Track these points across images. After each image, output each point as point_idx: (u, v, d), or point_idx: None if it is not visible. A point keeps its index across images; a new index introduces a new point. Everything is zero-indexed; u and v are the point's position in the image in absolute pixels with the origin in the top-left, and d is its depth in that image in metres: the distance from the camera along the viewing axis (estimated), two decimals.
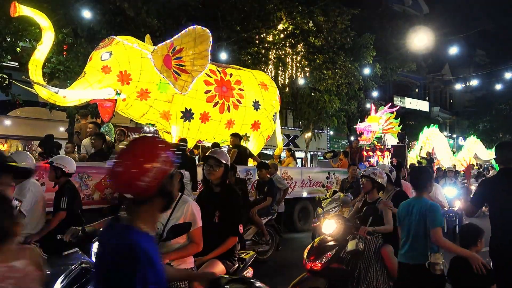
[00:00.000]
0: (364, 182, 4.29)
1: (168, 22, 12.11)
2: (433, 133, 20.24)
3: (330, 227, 4.25)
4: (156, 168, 1.51)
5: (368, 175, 4.28)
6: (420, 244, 3.30)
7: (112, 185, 1.55)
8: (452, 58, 31.95)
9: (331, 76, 15.88)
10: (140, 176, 1.48)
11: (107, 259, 1.45)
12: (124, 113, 7.65)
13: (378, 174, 4.27)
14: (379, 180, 4.25)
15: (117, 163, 1.53)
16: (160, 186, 1.53)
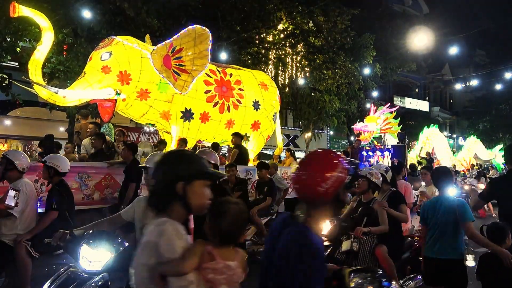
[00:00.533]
0: (360, 182, 4.27)
1: (168, 22, 12.11)
2: (433, 133, 20.23)
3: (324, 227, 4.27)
4: (335, 177, 1.75)
5: (364, 175, 4.25)
6: (448, 240, 3.55)
7: (296, 190, 1.85)
8: (452, 58, 31.96)
9: (331, 76, 15.88)
10: (322, 184, 1.73)
11: (281, 252, 1.72)
12: (124, 113, 7.64)
13: (374, 175, 4.25)
14: (375, 181, 4.23)
15: (301, 172, 1.82)
16: (337, 194, 1.77)
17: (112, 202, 6.23)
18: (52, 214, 3.91)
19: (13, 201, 3.60)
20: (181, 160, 1.72)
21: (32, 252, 3.66)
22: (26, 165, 4.00)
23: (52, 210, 3.91)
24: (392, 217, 4.11)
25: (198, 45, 7.37)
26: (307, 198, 1.81)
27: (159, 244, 1.54)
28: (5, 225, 3.71)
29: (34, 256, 3.67)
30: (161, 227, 1.57)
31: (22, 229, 3.77)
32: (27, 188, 3.93)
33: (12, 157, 3.93)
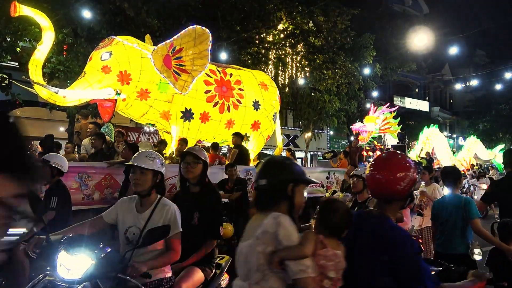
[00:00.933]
0: (356, 182, 4.29)
1: (168, 22, 12.12)
2: (433, 133, 20.24)
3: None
4: (409, 177, 2.00)
5: (360, 175, 4.25)
6: (457, 236, 3.75)
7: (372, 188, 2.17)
8: (452, 58, 31.95)
9: (331, 76, 15.88)
10: (400, 183, 1.99)
11: (365, 241, 1.97)
12: (124, 113, 7.65)
13: None
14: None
15: (377, 172, 2.07)
16: (409, 191, 2.04)
17: (112, 202, 6.23)
18: (49, 214, 3.89)
19: None
20: (291, 165, 2.01)
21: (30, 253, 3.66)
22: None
23: (50, 210, 3.90)
24: None
25: (198, 45, 7.38)
26: (384, 195, 2.06)
27: (278, 233, 1.76)
28: None
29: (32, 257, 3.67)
30: (278, 219, 1.80)
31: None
32: None
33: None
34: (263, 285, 1.78)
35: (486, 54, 39.12)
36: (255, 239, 1.82)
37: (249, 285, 1.81)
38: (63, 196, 4.12)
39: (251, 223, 1.96)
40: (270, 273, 1.77)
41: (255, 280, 1.80)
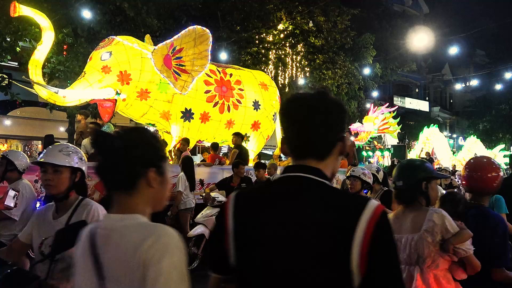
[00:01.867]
0: (354, 183, 4.22)
1: (168, 22, 12.11)
2: (433, 133, 20.24)
3: None
4: (500, 176, 2.67)
5: (358, 175, 4.19)
6: None
7: (469, 185, 2.78)
8: (452, 58, 31.96)
9: (331, 76, 15.88)
10: (495, 181, 2.65)
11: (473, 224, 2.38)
12: (124, 113, 7.65)
13: (367, 174, 4.23)
14: (368, 180, 4.21)
15: (474, 173, 2.70)
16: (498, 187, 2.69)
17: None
18: None
19: (13, 201, 3.57)
20: (421, 166, 2.37)
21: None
22: (25, 165, 3.98)
23: None
24: None
25: (198, 46, 7.38)
26: (481, 190, 2.69)
27: (445, 224, 2.16)
28: (4, 226, 3.69)
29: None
30: (441, 213, 2.20)
31: (19, 230, 3.75)
32: (27, 189, 3.88)
33: (12, 157, 3.92)
34: (434, 268, 2.19)
35: (486, 54, 39.10)
36: (422, 232, 2.17)
37: (424, 269, 2.18)
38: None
39: (397, 217, 2.32)
40: (439, 257, 2.18)
41: (427, 264, 2.18)
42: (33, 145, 15.81)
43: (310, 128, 1.17)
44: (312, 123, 1.17)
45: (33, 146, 15.79)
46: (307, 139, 1.19)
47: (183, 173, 6.58)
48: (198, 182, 7.36)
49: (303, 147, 1.21)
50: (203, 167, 7.78)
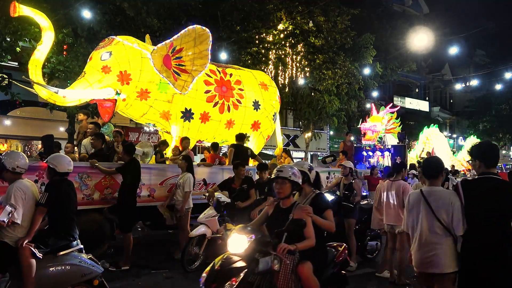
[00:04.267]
0: (282, 186, 3.37)
1: (168, 22, 12.11)
2: (433, 133, 20.24)
3: (239, 244, 3.19)
4: None
5: (287, 177, 3.34)
6: None
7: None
8: (452, 58, 31.96)
9: (331, 76, 15.88)
10: None
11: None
12: (124, 113, 7.65)
13: (297, 174, 3.44)
14: (298, 181, 3.44)
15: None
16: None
17: (112, 202, 6.23)
18: (40, 209, 3.82)
19: (7, 217, 3.55)
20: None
21: (36, 253, 3.65)
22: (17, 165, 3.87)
23: (40, 206, 3.82)
24: (316, 226, 3.34)
25: (198, 45, 7.37)
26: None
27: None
28: (8, 227, 3.68)
29: (38, 257, 3.65)
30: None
31: (21, 232, 3.74)
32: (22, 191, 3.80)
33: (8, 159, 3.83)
34: None
35: (486, 54, 39.11)
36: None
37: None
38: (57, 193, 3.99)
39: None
40: None
41: None
42: (33, 145, 15.81)
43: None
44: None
45: (33, 146, 15.80)
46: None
47: (190, 174, 6.59)
48: (201, 182, 7.36)
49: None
50: (203, 167, 7.78)
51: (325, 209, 3.56)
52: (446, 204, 3.21)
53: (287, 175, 3.33)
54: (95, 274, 3.79)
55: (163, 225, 7.04)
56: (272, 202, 3.58)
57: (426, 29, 16.56)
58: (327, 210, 3.56)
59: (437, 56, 31.63)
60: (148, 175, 6.78)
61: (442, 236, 3.19)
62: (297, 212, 3.27)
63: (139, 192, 6.47)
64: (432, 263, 3.20)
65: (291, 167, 3.48)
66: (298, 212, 3.26)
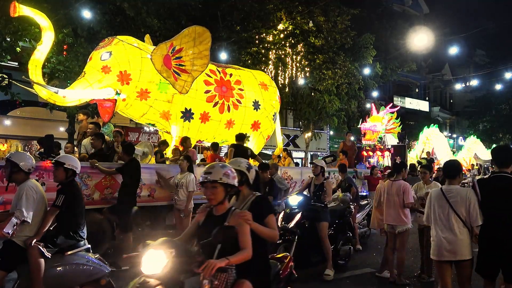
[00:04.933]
0: (213, 190, 2.75)
1: (168, 22, 12.11)
2: (433, 133, 20.26)
3: (156, 262, 2.50)
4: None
5: (218, 179, 2.73)
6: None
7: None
8: (452, 58, 31.96)
9: (331, 76, 15.88)
10: None
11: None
12: (124, 113, 7.65)
13: (232, 175, 2.81)
14: (233, 183, 2.82)
15: None
16: None
17: (112, 202, 6.23)
18: (52, 210, 3.86)
19: (12, 229, 3.57)
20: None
21: (45, 252, 3.66)
22: (31, 165, 3.95)
23: (53, 207, 3.87)
24: (256, 235, 2.79)
25: (198, 45, 7.37)
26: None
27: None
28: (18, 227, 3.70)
29: (46, 257, 3.66)
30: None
31: (30, 231, 3.76)
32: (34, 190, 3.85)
33: (16, 159, 3.89)
34: None
35: (486, 54, 39.11)
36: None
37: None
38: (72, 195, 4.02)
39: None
40: None
41: None
42: (33, 145, 15.81)
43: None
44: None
45: (33, 146, 15.79)
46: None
47: (192, 174, 6.59)
48: None
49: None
50: (203, 167, 7.77)
51: (267, 214, 2.99)
52: (463, 200, 3.72)
53: (217, 177, 2.72)
54: (102, 274, 3.78)
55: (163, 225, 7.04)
56: (204, 208, 2.94)
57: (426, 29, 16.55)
58: (269, 215, 3.00)
59: (437, 56, 31.63)
60: (148, 175, 6.78)
61: (459, 228, 3.71)
62: (233, 220, 2.70)
63: (139, 192, 6.48)
64: (451, 252, 3.73)
65: (223, 166, 2.84)
66: (235, 219, 2.70)
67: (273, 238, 2.99)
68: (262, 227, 2.87)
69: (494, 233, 3.60)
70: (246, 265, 2.64)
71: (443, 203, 3.83)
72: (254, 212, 2.85)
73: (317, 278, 5.68)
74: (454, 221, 3.73)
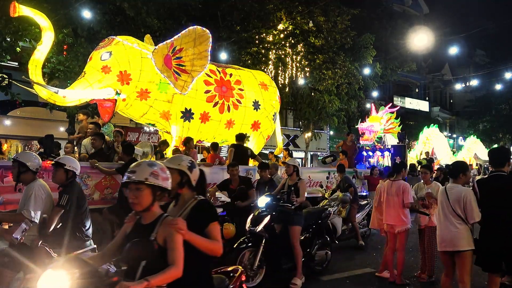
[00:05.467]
0: (137, 193, 2.23)
1: (168, 22, 12.11)
2: (433, 133, 20.25)
3: (55, 286, 2.01)
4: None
5: (143, 179, 2.21)
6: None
7: None
8: (452, 58, 31.99)
9: (331, 76, 15.88)
10: None
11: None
12: (124, 113, 7.65)
13: (162, 176, 2.29)
14: (165, 185, 2.30)
15: None
16: None
17: (112, 202, 6.23)
18: (56, 210, 3.87)
19: (20, 235, 3.58)
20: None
21: (52, 253, 3.66)
22: (38, 164, 3.97)
23: (57, 207, 3.88)
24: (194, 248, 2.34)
25: (198, 46, 7.38)
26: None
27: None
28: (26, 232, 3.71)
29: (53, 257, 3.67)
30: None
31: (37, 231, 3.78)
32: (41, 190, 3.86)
33: (24, 159, 3.90)
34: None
35: (486, 54, 39.12)
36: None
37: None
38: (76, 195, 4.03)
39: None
40: None
41: None
42: (33, 145, 15.80)
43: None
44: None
45: (33, 146, 15.79)
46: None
47: None
48: None
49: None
50: (203, 167, 7.76)
51: (208, 222, 2.50)
52: (460, 198, 4.09)
53: (142, 177, 2.20)
54: None
55: None
56: (133, 216, 2.39)
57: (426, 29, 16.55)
58: (211, 224, 2.50)
59: (437, 56, 31.65)
60: None
61: (457, 222, 4.09)
62: (162, 229, 2.22)
63: None
64: (451, 243, 4.13)
65: (151, 164, 2.30)
66: (164, 229, 2.22)
67: (215, 252, 2.47)
68: (200, 239, 2.38)
69: (495, 230, 3.91)
70: (179, 285, 2.17)
71: (444, 200, 4.23)
72: (194, 219, 2.43)
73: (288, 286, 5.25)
74: (451, 217, 4.14)
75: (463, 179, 4.31)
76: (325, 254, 6.03)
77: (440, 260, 4.57)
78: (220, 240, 2.53)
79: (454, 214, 4.12)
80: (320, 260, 5.97)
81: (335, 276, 5.89)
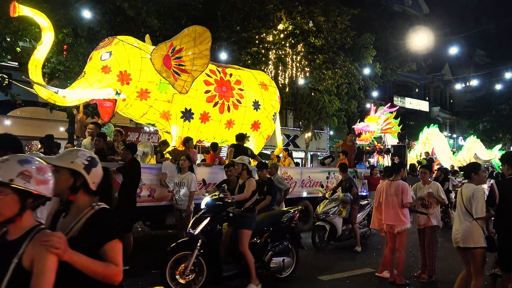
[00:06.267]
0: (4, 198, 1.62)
1: (168, 22, 12.11)
2: (433, 133, 20.25)
3: None
4: None
5: (8, 181, 1.60)
6: None
7: None
8: (452, 58, 31.96)
9: (331, 76, 15.88)
10: None
11: None
12: (124, 113, 7.65)
13: (37, 177, 1.68)
14: (39, 190, 1.68)
15: None
16: None
17: None
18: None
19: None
20: None
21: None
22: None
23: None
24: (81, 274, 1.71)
25: (198, 45, 7.36)
26: None
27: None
28: None
29: None
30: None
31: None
32: None
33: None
34: None
35: (486, 54, 39.12)
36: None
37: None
38: None
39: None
40: None
41: None
42: (33, 145, 15.81)
43: None
44: None
45: (33, 146, 15.79)
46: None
47: (193, 174, 6.59)
48: (201, 182, 7.36)
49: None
50: (203, 167, 7.78)
51: (105, 239, 1.84)
52: (470, 195, 4.35)
53: (6, 177, 1.60)
54: None
55: (163, 225, 7.03)
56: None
57: (426, 29, 16.56)
58: (109, 242, 1.84)
59: (437, 56, 31.64)
60: (148, 175, 6.78)
61: (468, 220, 4.33)
62: (31, 247, 1.62)
63: (139, 192, 6.48)
64: (461, 239, 4.36)
65: (24, 160, 1.69)
66: (34, 247, 1.61)
67: (110, 278, 1.81)
68: (88, 261, 1.72)
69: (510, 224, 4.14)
70: None
71: (460, 198, 4.55)
72: (87, 234, 1.83)
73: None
74: (464, 214, 4.40)
75: (476, 178, 4.56)
76: (281, 262, 5.42)
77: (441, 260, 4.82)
78: (120, 263, 1.85)
79: (466, 211, 4.38)
80: (276, 268, 5.39)
81: (335, 276, 5.89)
